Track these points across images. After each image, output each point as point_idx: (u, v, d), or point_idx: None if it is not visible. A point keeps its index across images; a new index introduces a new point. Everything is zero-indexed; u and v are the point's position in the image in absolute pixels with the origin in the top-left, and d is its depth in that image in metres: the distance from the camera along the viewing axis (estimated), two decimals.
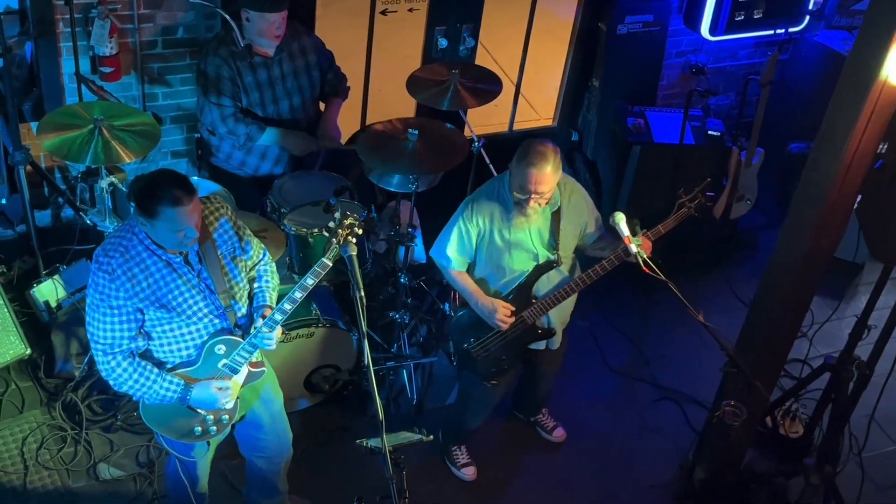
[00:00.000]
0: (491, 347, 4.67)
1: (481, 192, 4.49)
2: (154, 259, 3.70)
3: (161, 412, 3.94)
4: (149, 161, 6.13)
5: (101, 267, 3.65)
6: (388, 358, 5.58)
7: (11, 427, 5.14)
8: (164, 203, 3.51)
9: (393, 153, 5.09)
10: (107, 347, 3.74)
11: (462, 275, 4.57)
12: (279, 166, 5.61)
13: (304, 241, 5.03)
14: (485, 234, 4.45)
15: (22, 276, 5.75)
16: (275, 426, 4.30)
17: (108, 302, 3.67)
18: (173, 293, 3.74)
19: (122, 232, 3.73)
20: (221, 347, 3.88)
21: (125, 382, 3.79)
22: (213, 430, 4.01)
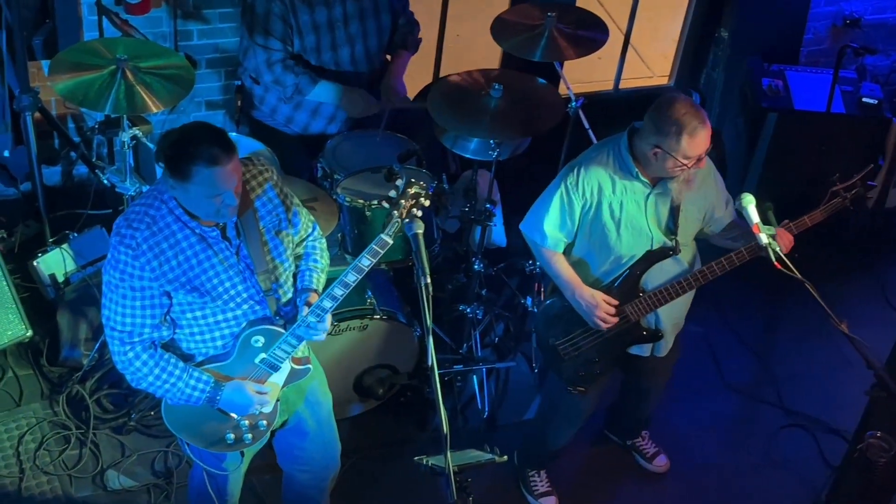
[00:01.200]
0: (582, 346, 4.65)
1: (590, 155, 4.46)
2: (186, 232, 3.71)
3: (187, 415, 3.97)
4: (179, 112, 6.20)
5: (124, 240, 3.65)
6: (457, 360, 5.59)
7: (6, 422, 5.24)
8: (199, 162, 3.52)
9: (471, 112, 5.07)
10: (125, 336, 3.74)
11: (557, 257, 4.55)
12: (333, 124, 5.63)
13: (361, 215, 5.05)
14: (591, 208, 4.42)
15: (25, 243, 5.85)
16: (322, 434, 4.32)
17: (130, 282, 3.67)
18: (207, 273, 3.76)
19: (148, 199, 3.71)
20: (259, 339, 3.89)
21: (144, 378, 3.82)
22: (248, 439, 4.04)
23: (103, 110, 4.86)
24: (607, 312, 4.48)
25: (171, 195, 3.66)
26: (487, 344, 5.80)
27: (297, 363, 4.04)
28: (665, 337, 4.68)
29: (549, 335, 4.69)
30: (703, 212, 4.51)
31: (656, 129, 4.21)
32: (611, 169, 4.38)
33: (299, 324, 3.87)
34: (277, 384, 3.99)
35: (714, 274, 4.42)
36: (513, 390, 5.68)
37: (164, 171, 3.60)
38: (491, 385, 5.62)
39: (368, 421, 5.39)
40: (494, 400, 5.59)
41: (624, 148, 4.36)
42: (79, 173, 6.24)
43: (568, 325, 4.63)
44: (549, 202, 4.47)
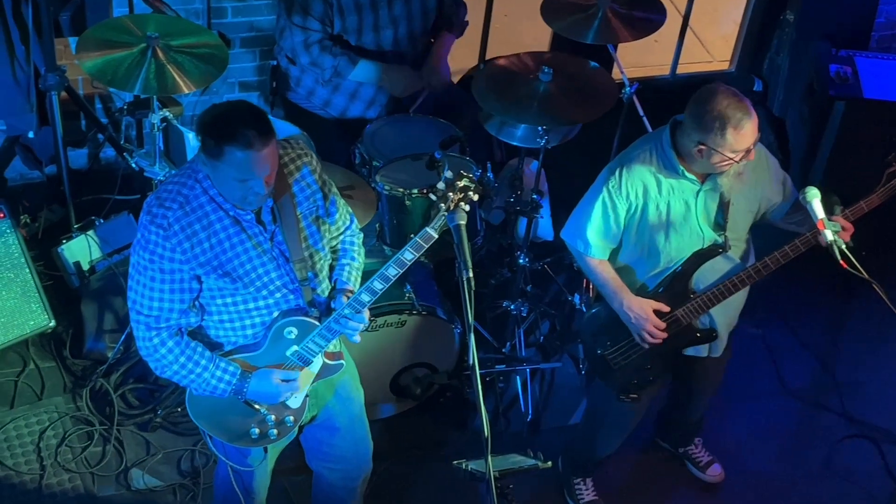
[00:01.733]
0: (632, 355, 4.64)
1: (631, 154, 4.43)
2: (220, 214, 3.71)
3: (212, 407, 4.00)
4: (211, 93, 6.23)
5: (155, 220, 3.66)
6: (499, 360, 5.59)
7: (27, 416, 5.31)
8: (232, 142, 3.52)
9: (519, 97, 5.08)
10: (151, 321, 3.75)
11: (603, 265, 4.53)
12: (372, 109, 5.65)
13: (400, 204, 5.06)
14: (636, 210, 4.40)
15: (49, 229, 5.92)
16: (352, 431, 4.34)
17: (160, 264, 3.67)
18: (240, 258, 3.78)
19: (182, 177, 3.71)
20: (292, 331, 3.92)
21: (169, 366, 3.85)
22: (274, 434, 4.08)
23: (132, 90, 4.91)
24: (657, 326, 4.47)
25: (206, 174, 3.68)
26: (532, 343, 5.81)
27: (330, 358, 4.06)
28: (720, 336, 4.66)
29: (596, 345, 4.69)
30: (757, 203, 4.47)
31: (698, 126, 4.17)
32: (655, 168, 4.35)
33: (335, 317, 3.90)
34: (308, 378, 4.03)
35: (768, 269, 4.37)
36: (558, 392, 5.68)
37: (200, 147, 3.62)
38: (535, 386, 5.63)
39: (405, 422, 5.42)
40: (538, 402, 5.59)
41: (667, 145, 4.31)
42: (106, 156, 6.29)
43: (616, 334, 4.62)
44: (590, 207, 4.44)
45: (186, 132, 5.08)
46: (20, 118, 5.64)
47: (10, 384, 5.43)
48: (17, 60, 5.43)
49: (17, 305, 5.40)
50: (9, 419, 5.27)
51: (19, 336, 5.44)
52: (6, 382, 5.43)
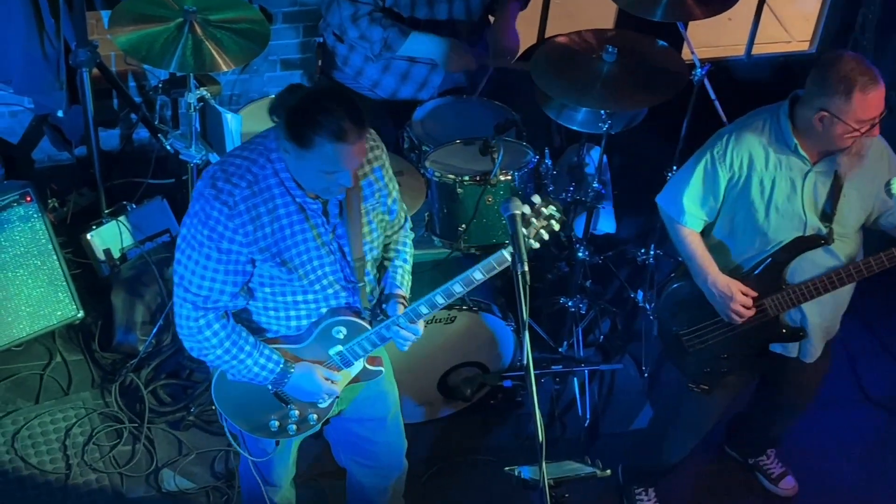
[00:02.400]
0: (710, 339, 4.64)
1: (743, 123, 4.40)
2: (286, 199, 3.70)
3: (239, 392, 4.05)
4: (251, 71, 6.27)
5: (220, 195, 3.64)
6: (555, 360, 5.61)
7: (53, 412, 5.39)
8: (325, 133, 3.48)
9: (580, 78, 5.08)
10: (199, 300, 3.76)
11: (694, 236, 4.52)
12: (425, 90, 5.65)
13: (451, 192, 5.07)
14: (738, 182, 4.38)
15: (78, 214, 6.00)
16: (385, 427, 4.37)
17: (218, 243, 3.67)
18: (298, 248, 3.80)
19: (252, 153, 3.71)
20: (342, 330, 3.96)
21: (212, 350, 3.84)
22: (293, 430, 4.14)
23: (168, 68, 4.95)
24: (743, 306, 4.45)
25: (280, 156, 3.69)
26: (591, 343, 5.82)
27: (371, 363, 4.11)
28: (812, 340, 4.61)
29: (673, 323, 4.69)
30: (871, 200, 4.41)
31: (821, 89, 4.13)
32: (766, 139, 4.32)
33: (388, 323, 3.94)
34: (346, 379, 4.08)
35: (871, 270, 4.34)
36: (618, 396, 5.69)
37: (282, 131, 3.60)
38: (594, 389, 5.64)
39: (453, 425, 5.46)
40: (597, 406, 5.61)
41: (784, 116, 4.28)
42: (139, 138, 6.35)
43: (696, 314, 4.62)
44: (690, 173, 4.43)
45: (224, 112, 5.11)
46: (49, 96, 5.70)
47: (35, 378, 5.51)
48: (47, 34, 5.48)
49: (43, 295, 5.49)
50: (34, 415, 5.35)
51: (46, 327, 5.53)
52: (31, 376, 5.52)
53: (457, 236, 5.06)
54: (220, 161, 3.76)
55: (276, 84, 6.37)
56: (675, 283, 4.68)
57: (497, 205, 4.96)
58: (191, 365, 5.51)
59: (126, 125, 6.30)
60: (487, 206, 5.00)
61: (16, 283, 5.42)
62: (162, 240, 5.78)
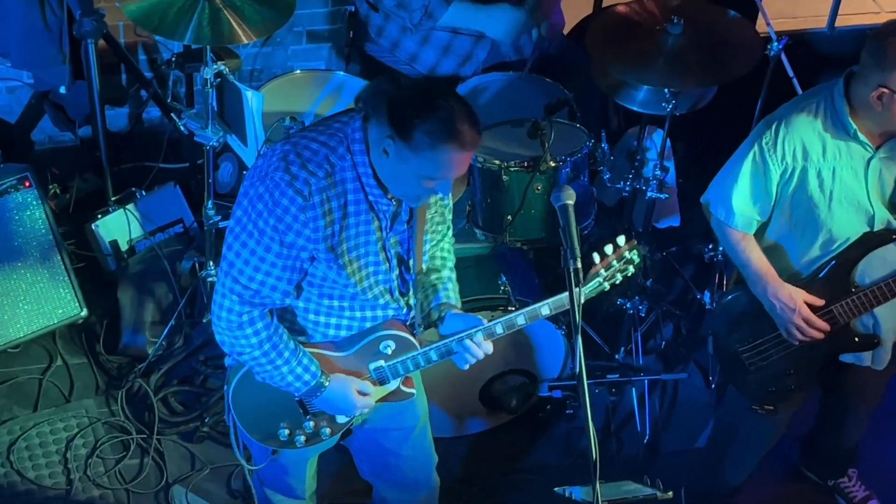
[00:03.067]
0: (773, 354, 4.60)
1: (793, 108, 4.37)
2: (358, 195, 3.68)
3: (259, 393, 4.03)
4: (274, 44, 6.28)
5: (295, 183, 3.60)
6: (611, 368, 5.58)
7: (53, 421, 5.38)
8: (443, 137, 3.47)
9: (642, 52, 5.04)
10: (248, 294, 3.72)
11: (747, 241, 4.49)
12: (468, 65, 5.65)
13: (496, 180, 5.05)
14: (792, 175, 4.34)
15: (82, 201, 6.01)
16: (412, 440, 4.35)
17: (283, 235, 3.63)
18: (359, 250, 3.78)
19: (332, 139, 3.67)
20: (390, 345, 3.96)
21: (249, 350, 3.81)
22: (301, 441, 4.12)
23: (182, 40, 4.94)
24: (808, 321, 4.42)
25: (364, 148, 3.65)
26: (651, 349, 5.80)
27: (406, 385, 4.11)
28: (883, 345, 4.58)
29: (730, 339, 4.65)
30: None
31: (878, 64, 4.09)
32: (820, 126, 4.29)
33: (461, 336, 3.93)
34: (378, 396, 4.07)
35: None
36: (682, 409, 5.67)
37: (384, 125, 3.56)
38: (654, 401, 5.62)
39: (497, 439, 5.43)
40: (658, 420, 5.59)
41: (839, 96, 4.25)
42: (150, 117, 6.37)
43: (756, 327, 4.58)
44: (738, 168, 4.39)
45: (244, 90, 5.08)
46: (50, 70, 5.72)
47: (33, 383, 5.51)
48: (48, 1, 5.50)
49: (43, 291, 5.49)
50: (31, 424, 5.34)
51: (45, 327, 5.53)
52: (29, 381, 5.52)
53: (501, 229, 5.03)
54: (292, 142, 3.70)
55: (301, 58, 6.37)
56: (731, 294, 4.66)
57: (547, 193, 4.92)
58: (205, 370, 5.50)
59: (135, 103, 6.31)
60: (536, 195, 4.96)
61: (13, 277, 5.42)
62: (174, 230, 5.79)
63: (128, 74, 6.14)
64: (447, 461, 4.55)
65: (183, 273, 5.61)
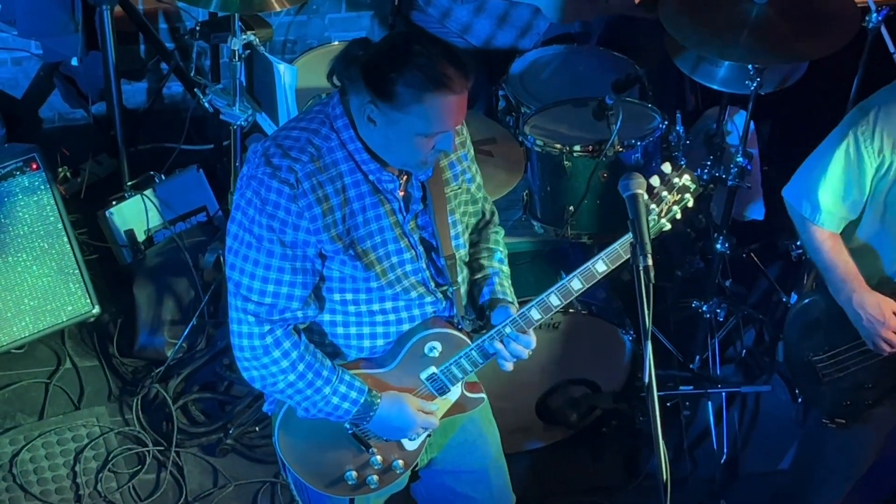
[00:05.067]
0: (852, 366, 4.59)
1: (893, 93, 4.36)
2: (356, 177, 3.67)
3: (309, 436, 4.00)
4: (310, 12, 6.30)
5: (278, 173, 3.60)
6: (685, 379, 5.58)
7: (61, 431, 5.42)
8: (427, 84, 3.44)
9: (722, 24, 5.03)
10: (263, 311, 3.69)
11: (833, 241, 4.47)
12: (527, 38, 5.66)
13: (557, 166, 5.06)
14: (890, 170, 4.33)
15: (95, 186, 6.05)
16: (487, 479, 4.32)
17: (281, 234, 3.62)
18: (374, 239, 3.76)
19: (313, 122, 3.68)
20: (436, 347, 3.92)
21: (282, 376, 3.76)
22: (374, 482, 4.08)
23: (207, 7, 4.99)
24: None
25: (347, 122, 3.64)
26: (730, 358, 5.79)
27: (471, 389, 4.08)
28: None
29: (803, 347, 4.63)
30: None
31: None
32: None
33: (493, 334, 3.90)
34: (443, 410, 4.04)
35: None
36: (765, 426, 5.66)
37: (361, 92, 3.56)
38: (734, 416, 5.61)
39: (556, 458, 5.44)
40: (737, 438, 5.57)
41: None
42: (171, 93, 6.40)
43: (834, 336, 4.57)
44: (827, 159, 4.37)
45: (276, 63, 5.10)
46: (60, 40, 5.76)
47: (39, 388, 5.55)
48: None
49: (51, 285, 5.53)
50: (37, 433, 5.38)
51: (53, 326, 5.57)
52: (34, 385, 5.56)
53: (562, 221, 5.03)
54: (270, 137, 3.71)
55: (339, 28, 6.39)
56: (808, 298, 4.64)
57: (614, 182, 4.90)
58: (230, 376, 5.51)
59: (155, 77, 6.34)
60: (602, 183, 4.97)
61: (17, 270, 5.46)
62: (197, 219, 5.82)
63: (147, 45, 6.19)
64: None
65: (206, 267, 5.62)
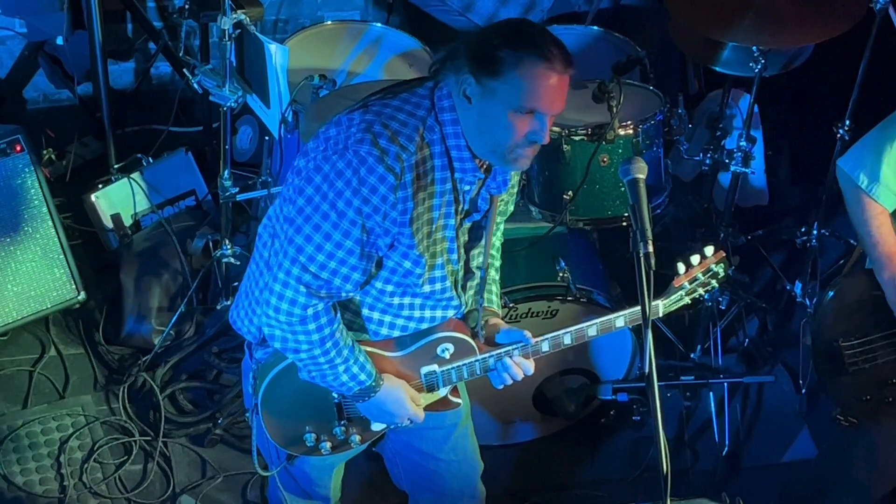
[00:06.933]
0: (880, 357, 4.56)
1: None
2: (445, 174, 3.68)
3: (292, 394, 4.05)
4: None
5: (385, 158, 3.58)
6: (686, 369, 5.57)
7: (45, 420, 5.40)
8: (532, 52, 3.46)
9: (727, 4, 5.02)
10: (318, 285, 3.70)
11: (883, 218, 4.43)
12: (531, 15, 5.64)
13: (555, 151, 5.04)
14: None
15: (80, 169, 6.04)
16: (452, 441, 4.35)
17: (366, 220, 3.62)
18: (437, 234, 3.76)
19: (420, 109, 3.67)
20: (448, 349, 3.97)
21: (308, 347, 3.80)
22: (326, 448, 4.14)
23: None
24: None
25: (456, 117, 3.64)
26: (733, 348, 5.79)
27: (454, 394, 4.14)
28: None
29: (834, 330, 4.60)
30: None
31: None
32: None
33: (500, 353, 3.95)
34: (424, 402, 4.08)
35: None
36: (768, 417, 5.65)
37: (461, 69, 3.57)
38: (735, 408, 5.61)
39: (553, 449, 5.45)
40: (739, 430, 5.57)
41: None
42: (159, 73, 6.39)
43: (869, 322, 4.53)
44: (891, 131, 4.35)
45: (267, 43, 5.08)
46: (45, 18, 5.75)
47: (23, 376, 5.54)
48: None
49: (35, 271, 5.51)
50: (20, 422, 5.37)
51: (37, 312, 5.55)
52: (18, 373, 5.55)
53: (561, 207, 5.01)
54: (374, 111, 3.68)
55: (331, 7, 6.38)
56: (848, 279, 4.60)
57: (614, 167, 4.91)
58: (219, 364, 5.51)
59: (143, 57, 6.33)
60: (602, 168, 4.94)
61: (0, 255, 5.44)
62: (185, 203, 5.81)
63: (134, 24, 6.17)
64: (496, 473, 4.55)
65: (195, 252, 5.62)
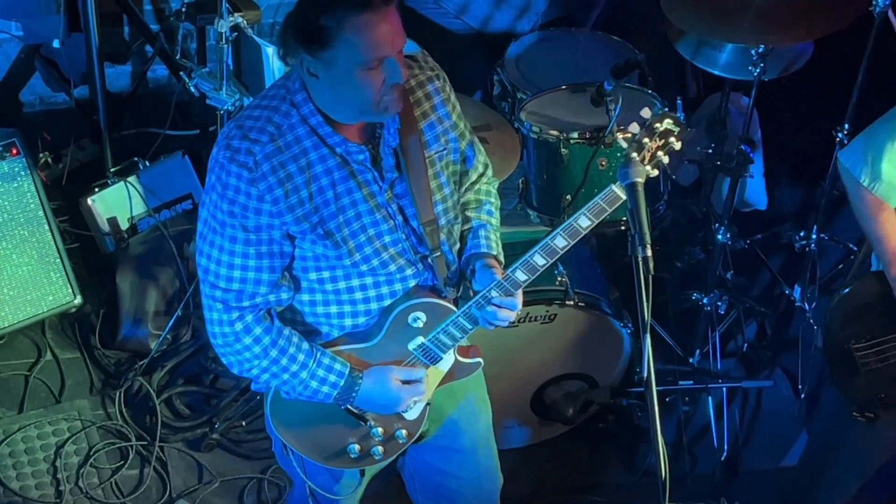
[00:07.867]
0: (892, 357, 4.58)
1: None
2: (322, 151, 3.69)
3: (302, 413, 4.03)
4: None
5: (237, 157, 3.62)
6: (685, 374, 5.59)
7: (41, 424, 5.41)
8: (347, 8, 3.45)
9: (725, 6, 5.02)
10: (231, 298, 3.73)
11: (887, 213, 4.45)
12: (525, 20, 5.65)
13: (553, 153, 5.05)
14: None
15: (77, 172, 6.04)
16: (477, 458, 4.34)
17: (242, 219, 3.65)
18: (346, 214, 3.77)
19: (273, 100, 3.71)
20: (419, 317, 3.93)
21: (255, 361, 3.80)
22: (378, 453, 4.10)
23: None
24: None
25: (305, 96, 3.67)
26: (731, 352, 5.80)
27: (464, 354, 4.09)
28: None
29: (845, 332, 4.62)
30: None
31: None
32: None
33: (478, 299, 3.89)
34: (435, 379, 4.05)
35: None
36: (766, 422, 5.66)
37: (296, 51, 3.57)
38: (734, 412, 5.61)
39: (550, 454, 5.45)
40: (738, 434, 5.58)
41: None
42: (155, 76, 6.39)
43: (880, 322, 4.55)
44: (894, 125, 4.36)
45: (265, 45, 5.11)
46: (41, 21, 5.75)
47: (19, 380, 5.55)
48: None
49: (31, 274, 5.52)
50: (16, 427, 5.38)
51: (33, 316, 5.56)
52: (14, 378, 5.56)
53: (559, 210, 5.03)
54: (235, 118, 3.74)
55: None
56: (857, 282, 4.62)
57: (613, 170, 4.92)
58: (216, 368, 5.53)
59: (139, 60, 6.33)
60: (600, 171, 4.96)
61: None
62: (182, 207, 5.82)
63: (131, 27, 6.17)
64: None
65: (191, 256, 5.62)
